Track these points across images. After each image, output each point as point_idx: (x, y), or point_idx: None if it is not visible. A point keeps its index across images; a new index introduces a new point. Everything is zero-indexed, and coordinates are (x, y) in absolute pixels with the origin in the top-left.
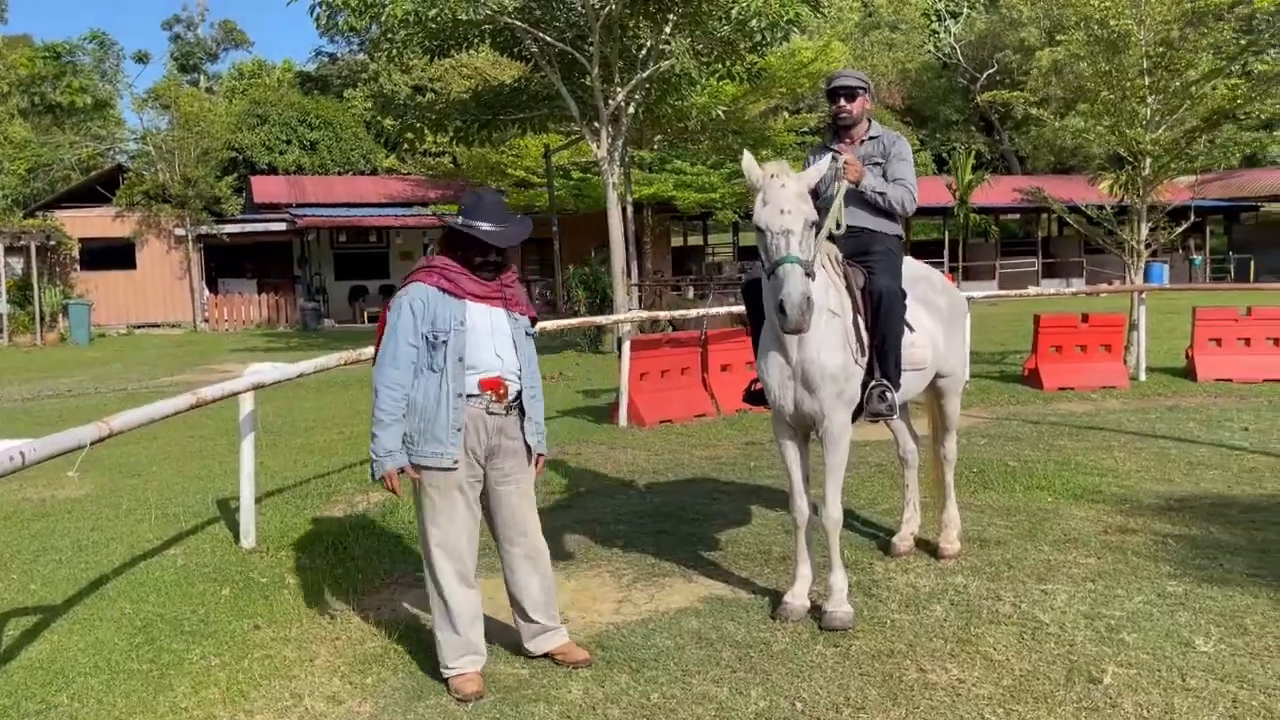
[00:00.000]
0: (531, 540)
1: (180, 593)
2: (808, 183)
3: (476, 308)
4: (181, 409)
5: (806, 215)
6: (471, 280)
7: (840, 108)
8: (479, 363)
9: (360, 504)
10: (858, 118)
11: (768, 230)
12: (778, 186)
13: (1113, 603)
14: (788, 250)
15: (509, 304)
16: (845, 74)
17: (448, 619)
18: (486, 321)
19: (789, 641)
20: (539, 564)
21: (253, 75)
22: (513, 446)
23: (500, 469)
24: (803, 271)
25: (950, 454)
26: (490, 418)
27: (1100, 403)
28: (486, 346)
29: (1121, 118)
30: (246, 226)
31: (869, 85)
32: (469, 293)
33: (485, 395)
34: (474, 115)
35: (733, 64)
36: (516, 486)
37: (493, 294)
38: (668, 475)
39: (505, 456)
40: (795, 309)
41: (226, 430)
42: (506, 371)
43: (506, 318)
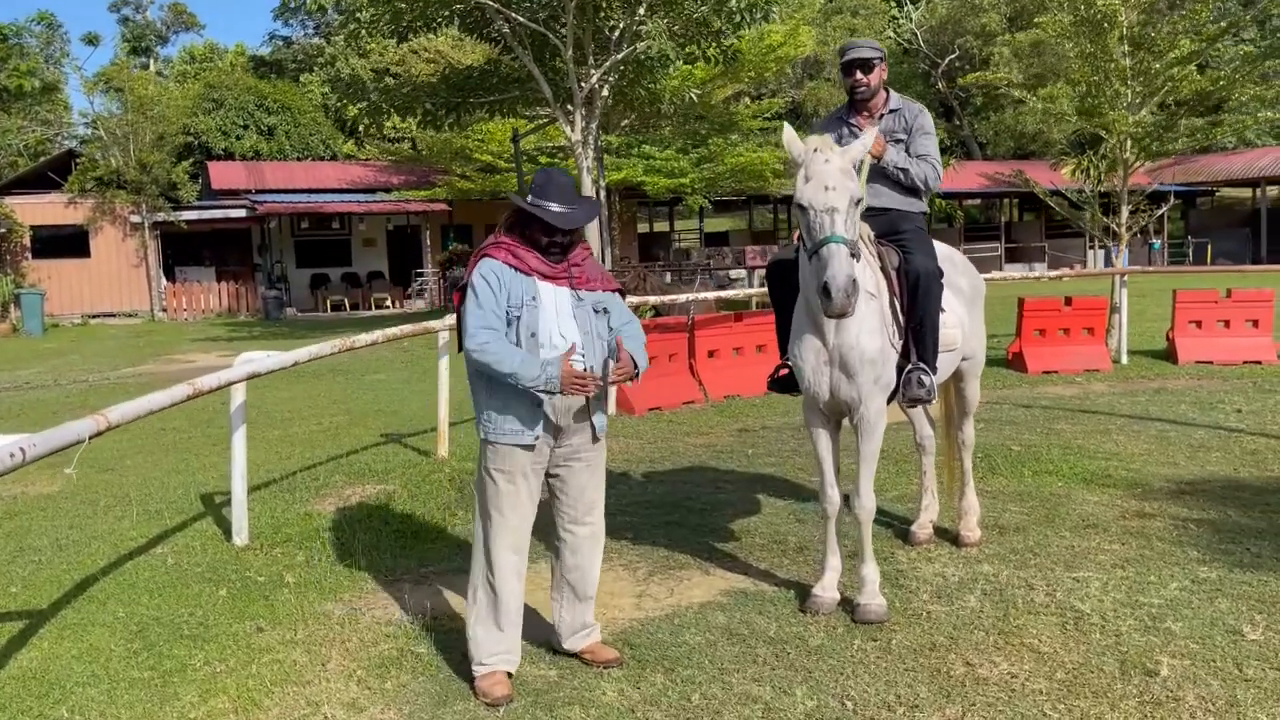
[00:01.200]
0: (598, 521)
1: (175, 594)
2: (853, 158)
3: (544, 286)
4: (179, 400)
5: (852, 192)
6: (538, 259)
7: (856, 81)
8: (545, 339)
9: (353, 497)
10: (875, 89)
11: (811, 208)
12: (821, 161)
13: (1148, 590)
14: (832, 229)
15: (575, 282)
16: (859, 44)
17: (493, 613)
18: (552, 300)
19: (824, 636)
20: (599, 547)
21: (205, 59)
22: (581, 426)
23: (569, 446)
24: (848, 252)
25: (968, 439)
26: (560, 397)
27: (1086, 385)
28: (552, 325)
29: (1104, 99)
30: (205, 213)
31: (884, 54)
32: (536, 271)
33: None
34: (443, 98)
35: (708, 46)
36: (586, 463)
37: (559, 274)
38: (665, 464)
39: (574, 435)
40: (841, 292)
41: (199, 421)
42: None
43: (570, 297)
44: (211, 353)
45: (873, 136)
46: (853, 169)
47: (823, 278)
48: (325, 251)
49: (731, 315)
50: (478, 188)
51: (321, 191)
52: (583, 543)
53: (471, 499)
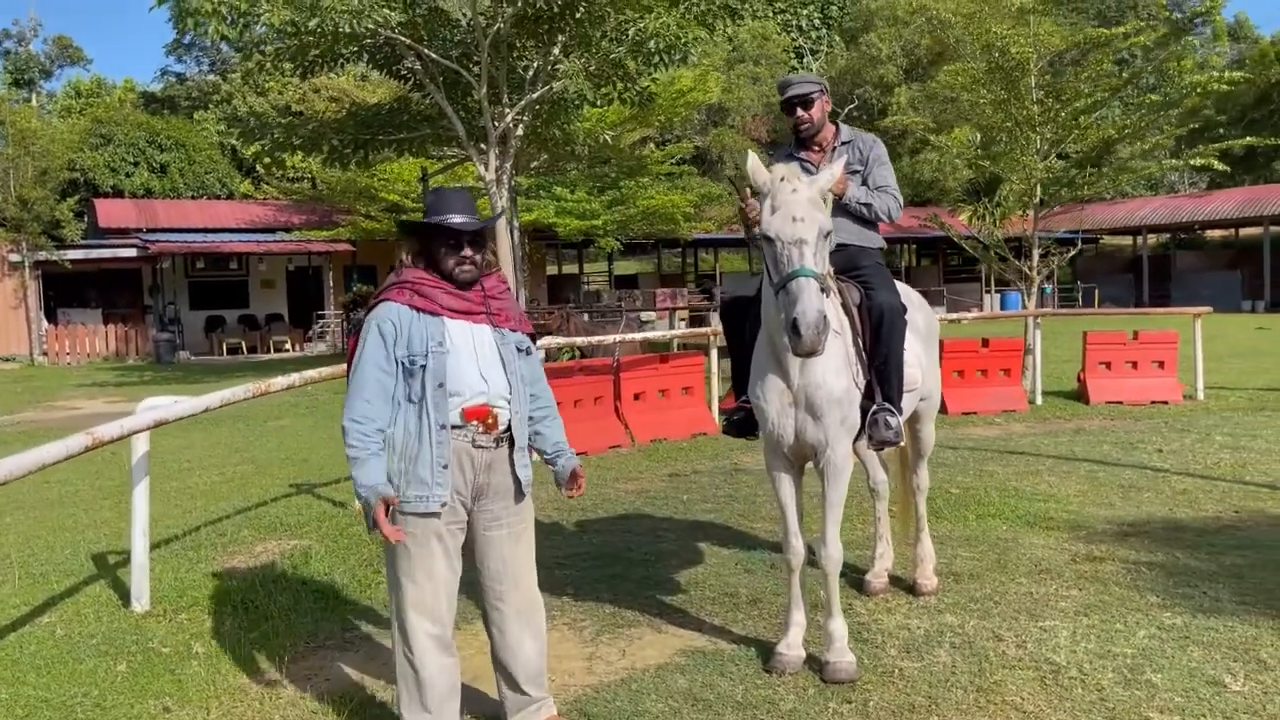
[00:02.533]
0: (525, 594)
1: (66, 670)
2: (821, 188)
3: (456, 325)
4: (75, 451)
5: (821, 224)
6: (449, 294)
7: (800, 119)
8: (463, 388)
9: (264, 554)
10: (819, 124)
11: (778, 240)
12: (788, 191)
13: (1118, 639)
14: (801, 262)
15: (495, 319)
16: (795, 80)
17: (418, 695)
18: (469, 340)
19: (796, 699)
20: (533, 623)
21: (91, 94)
22: (503, 485)
23: (489, 511)
24: (818, 286)
25: (923, 483)
26: (478, 452)
27: (1006, 426)
28: (470, 369)
29: (1017, 145)
30: (92, 253)
31: (824, 86)
32: (446, 308)
33: (470, 426)
34: (351, 135)
35: (625, 88)
36: (509, 530)
37: (474, 308)
38: (598, 512)
39: (494, 497)
40: (811, 329)
41: (87, 473)
42: (494, 396)
43: (491, 334)
44: (98, 399)
45: (840, 167)
46: (821, 199)
47: (792, 314)
48: (221, 293)
49: (656, 357)
50: (383, 228)
51: (218, 231)
52: (509, 621)
53: None
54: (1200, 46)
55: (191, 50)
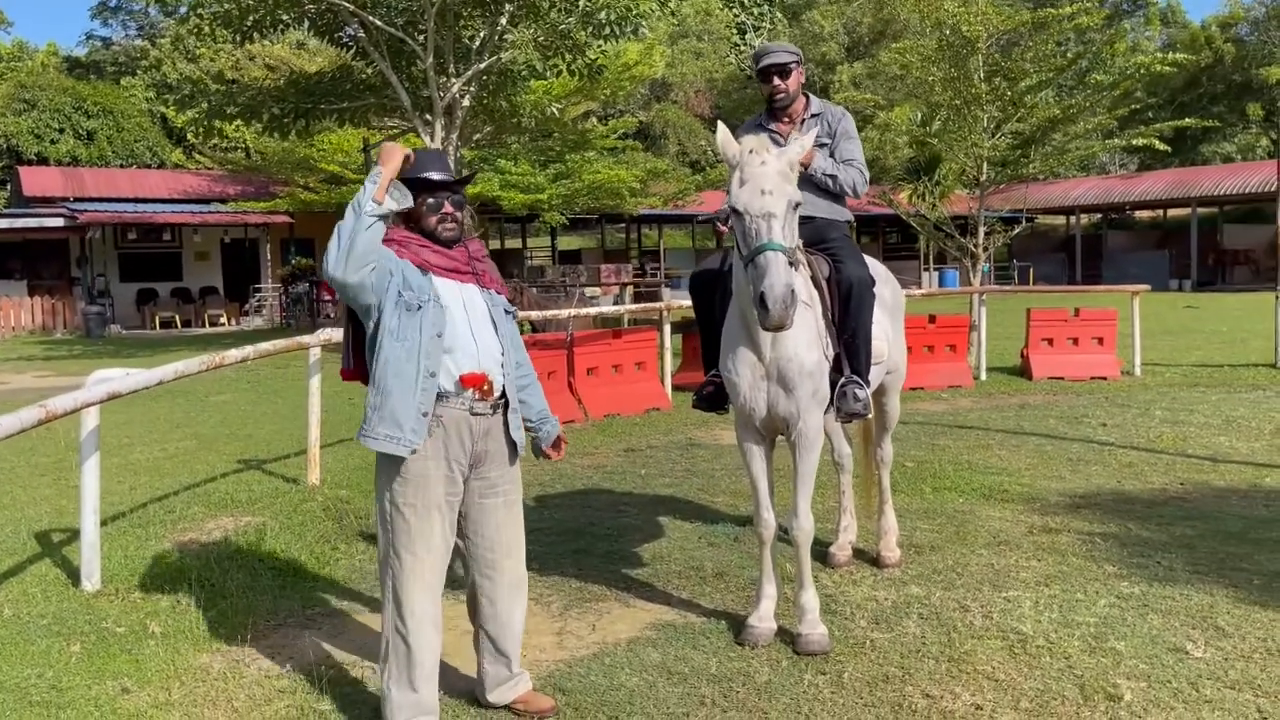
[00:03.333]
0: (516, 562)
1: (16, 652)
2: (790, 160)
3: (444, 283)
4: (29, 425)
5: (790, 196)
6: (434, 251)
7: (775, 87)
8: (455, 346)
9: (216, 531)
10: (794, 95)
11: (746, 213)
12: (757, 163)
13: (1079, 608)
14: (769, 236)
15: (481, 279)
16: (774, 49)
17: (406, 672)
18: (458, 299)
19: (770, 671)
20: (522, 593)
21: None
22: (499, 451)
23: (486, 478)
24: (786, 260)
25: (887, 457)
26: (476, 420)
27: (953, 401)
28: (462, 328)
29: (965, 121)
30: (16, 222)
31: (800, 57)
32: (434, 265)
33: (467, 393)
34: (292, 104)
35: (573, 59)
36: (504, 499)
37: (460, 267)
38: (555, 487)
39: (491, 464)
40: (779, 303)
41: (21, 449)
42: (487, 359)
43: (480, 294)
44: (26, 373)
45: (812, 139)
46: (790, 171)
47: (760, 287)
48: (153, 265)
49: (610, 332)
50: (322, 199)
51: (149, 201)
52: (500, 590)
53: (353, 531)
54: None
55: (118, 14)
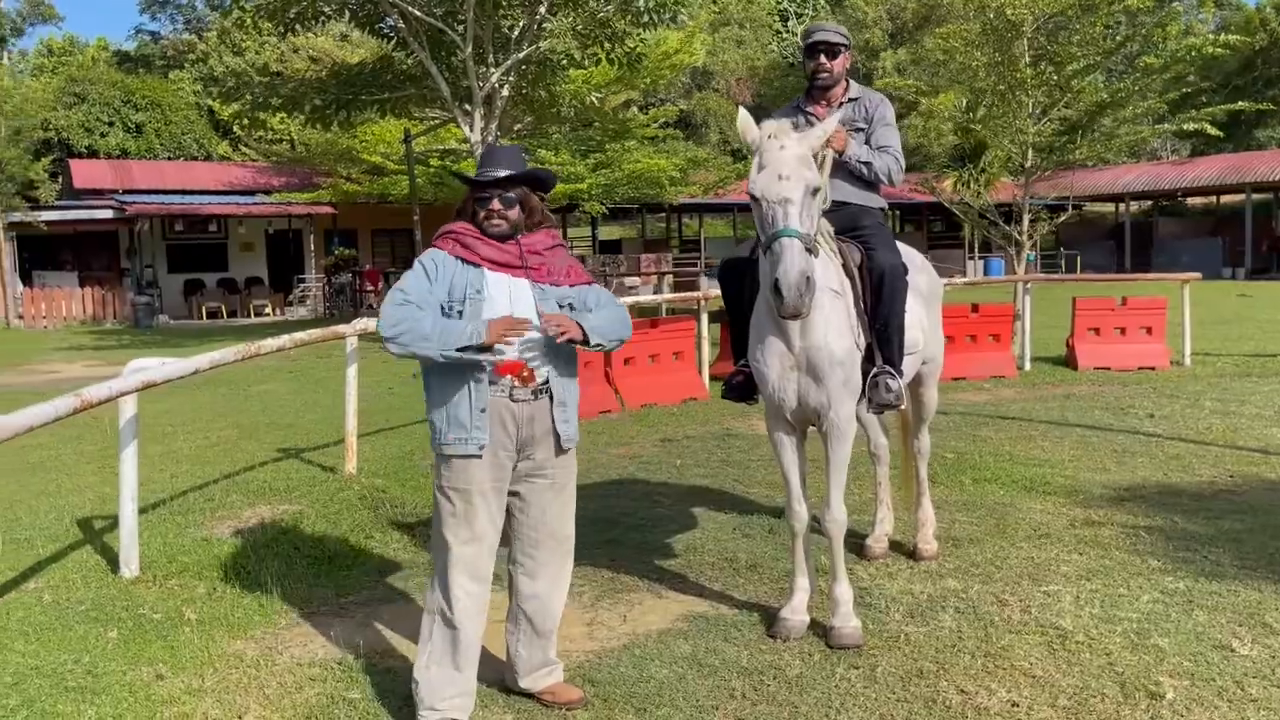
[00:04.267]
0: (562, 545)
1: (55, 637)
2: (811, 144)
3: (495, 276)
4: (65, 413)
5: (809, 181)
6: (488, 244)
7: (820, 65)
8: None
9: (253, 519)
10: (838, 77)
11: (763, 199)
12: (776, 148)
13: (1122, 603)
14: (785, 222)
15: (535, 273)
16: (825, 27)
17: (451, 652)
18: (505, 292)
19: (802, 664)
20: (564, 576)
21: (64, 52)
22: (545, 437)
23: (532, 460)
24: (802, 246)
25: (924, 447)
26: (517, 405)
27: (995, 391)
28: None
29: (1010, 108)
30: (68, 214)
31: (850, 41)
32: (486, 259)
33: (505, 380)
34: (333, 95)
35: (613, 47)
36: (552, 481)
37: (512, 261)
38: (591, 477)
39: (538, 448)
40: (792, 290)
41: (67, 437)
42: (529, 351)
43: (530, 289)
44: (77, 363)
45: (834, 123)
46: (811, 156)
47: (774, 275)
48: (200, 256)
49: (647, 322)
50: (365, 190)
51: (196, 193)
52: (542, 569)
53: (388, 520)
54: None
55: (166, 8)
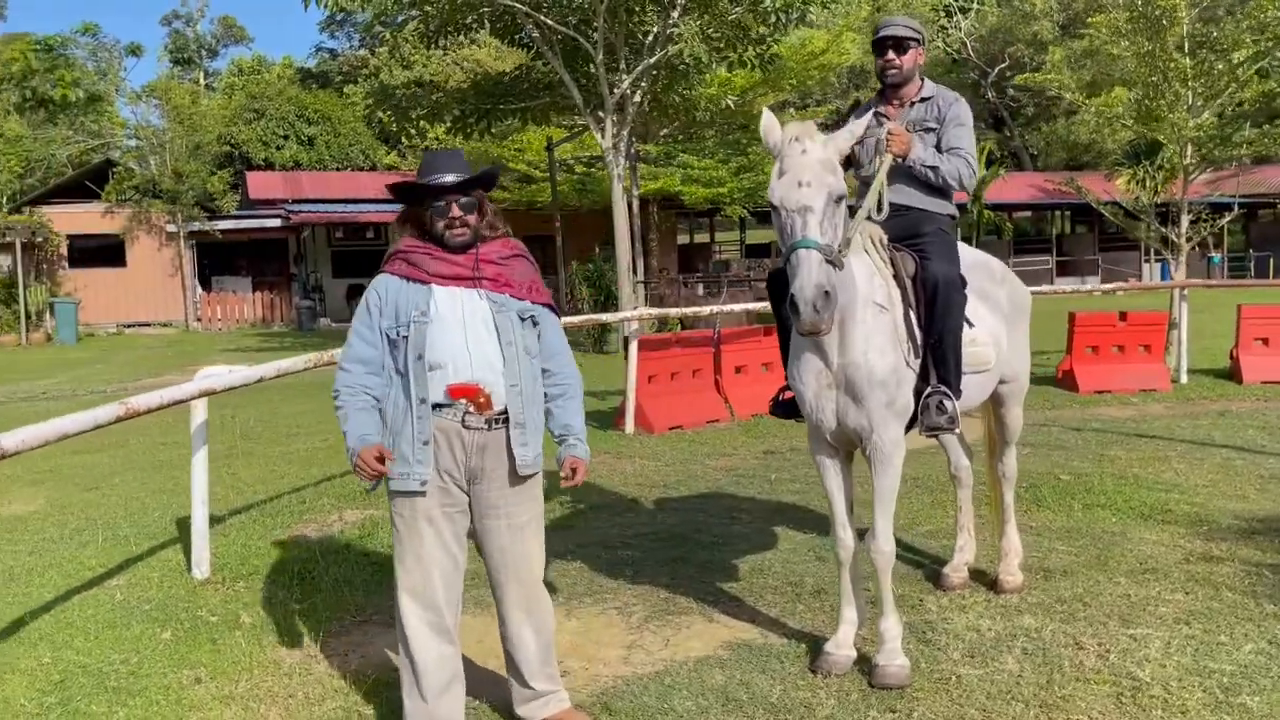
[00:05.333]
0: (526, 587)
1: (112, 636)
2: (837, 148)
3: (444, 292)
4: (105, 422)
5: (831, 189)
6: (436, 259)
7: (888, 61)
8: (445, 359)
9: (335, 524)
10: (908, 74)
11: (782, 207)
12: (798, 152)
13: (1219, 653)
14: (804, 232)
15: (490, 284)
16: (894, 21)
17: (414, 682)
18: (457, 308)
19: (835, 704)
20: (535, 616)
21: (252, 71)
22: (498, 470)
23: (485, 498)
24: (820, 258)
25: (1010, 471)
26: (468, 433)
27: (1142, 407)
28: (455, 338)
29: (1163, 102)
30: (241, 223)
31: (923, 36)
32: (434, 275)
33: (458, 404)
34: (472, 105)
35: (744, 50)
36: (507, 521)
37: (463, 272)
38: (680, 489)
39: (489, 483)
40: (808, 305)
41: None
42: (482, 369)
43: (484, 300)
44: (237, 364)
45: (862, 126)
46: (837, 161)
47: (791, 288)
48: (361, 261)
49: (760, 329)
50: (514, 198)
51: (359, 201)
52: (510, 612)
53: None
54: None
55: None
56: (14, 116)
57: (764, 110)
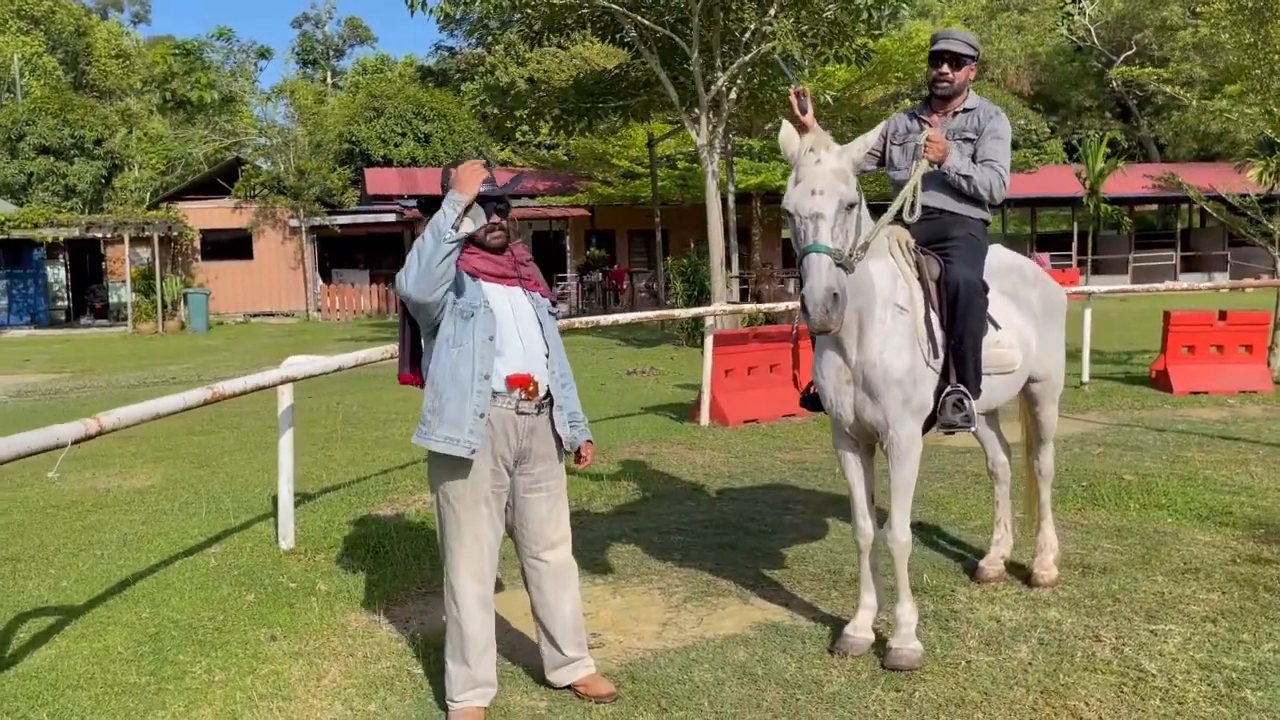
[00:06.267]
0: (560, 555)
1: (203, 597)
2: (851, 158)
3: (492, 288)
4: (193, 404)
5: (842, 196)
6: (483, 257)
7: (941, 74)
8: (504, 348)
9: (415, 503)
10: (959, 88)
11: (796, 214)
12: (812, 162)
13: (1236, 650)
14: (815, 238)
15: (526, 283)
16: (953, 34)
17: (460, 648)
18: (507, 304)
19: (845, 682)
20: (568, 583)
21: (376, 70)
22: (544, 449)
23: (530, 474)
24: (830, 262)
25: (1046, 469)
26: (521, 418)
27: (1238, 409)
28: (510, 331)
29: (1270, 95)
30: (357, 218)
31: (978, 54)
32: (482, 271)
33: (514, 394)
34: (573, 103)
35: (840, 46)
36: (547, 493)
37: (507, 272)
38: (744, 480)
39: (536, 460)
40: (817, 306)
41: (316, 419)
42: (533, 359)
43: (526, 298)
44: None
45: (875, 137)
46: (850, 171)
47: (802, 290)
48: None
49: None
50: (618, 193)
51: None
52: (545, 579)
53: None
54: None
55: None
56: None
57: (783, 122)
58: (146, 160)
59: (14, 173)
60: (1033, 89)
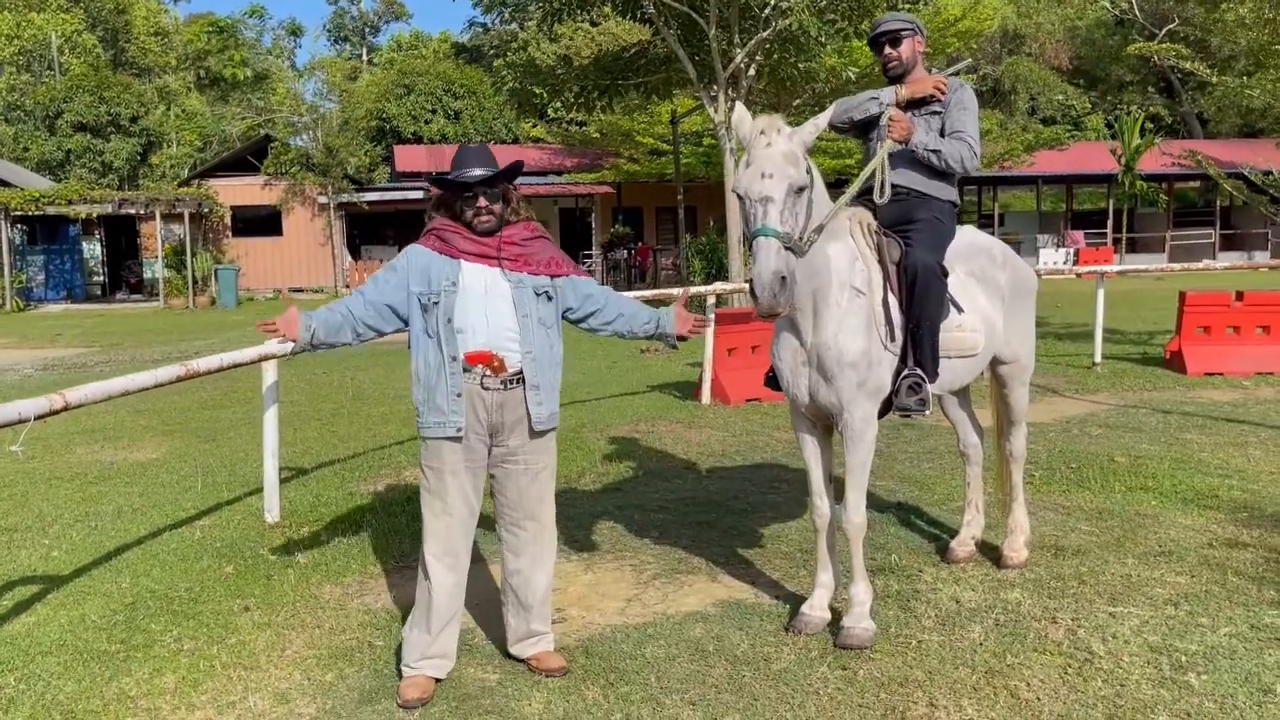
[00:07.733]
0: (542, 526)
1: (184, 568)
2: (801, 141)
3: (471, 267)
4: (164, 381)
5: (792, 180)
6: (466, 238)
7: (886, 56)
8: (467, 326)
9: (408, 478)
10: (909, 64)
11: (746, 197)
12: (763, 145)
13: (1191, 634)
14: (764, 221)
15: (512, 264)
16: (887, 18)
17: (426, 615)
18: (480, 282)
19: (793, 659)
20: (544, 556)
21: (410, 47)
22: (517, 424)
23: (505, 446)
24: (779, 246)
25: (1018, 451)
26: (487, 393)
27: (1252, 391)
28: (476, 308)
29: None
30: (385, 195)
31: (917, 26)
32: (464, 251)
33: (476, 369)
34: (593, 80)
35: (861, 22)
36: (525, 466)
37: (489, 252)
38: (736, 459)
39: (509, 434)
40: (765, 289)
41: (327, 394)
42: (497, 337)
43: (504, 278)
44: None
45: (825, 119)
46: (801, 154)
47: (751, 274)
48: None
49: None
50: (644, 170)
51: None
52: (524, 546)
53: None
54: None
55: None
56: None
57: (737, 104)
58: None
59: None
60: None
